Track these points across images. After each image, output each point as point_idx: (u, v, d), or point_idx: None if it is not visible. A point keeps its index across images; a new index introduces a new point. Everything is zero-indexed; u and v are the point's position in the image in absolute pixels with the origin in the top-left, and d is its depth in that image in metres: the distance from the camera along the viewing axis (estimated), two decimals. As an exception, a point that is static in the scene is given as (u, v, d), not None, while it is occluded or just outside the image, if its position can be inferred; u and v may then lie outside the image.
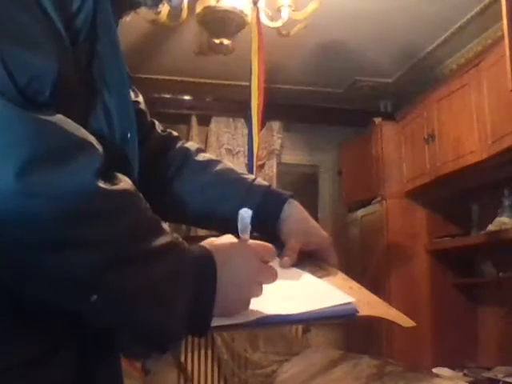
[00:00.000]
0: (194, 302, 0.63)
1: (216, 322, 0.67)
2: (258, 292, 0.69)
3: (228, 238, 0.71)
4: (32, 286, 0.57)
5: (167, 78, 4.26)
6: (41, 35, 0.58)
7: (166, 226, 0.64)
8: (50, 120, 0.55)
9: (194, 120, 4.46)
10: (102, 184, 0.56)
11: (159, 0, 0.83)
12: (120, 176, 0.60)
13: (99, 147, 0.59)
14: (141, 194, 0.63)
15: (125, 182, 0.60)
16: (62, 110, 0.57)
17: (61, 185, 0.53)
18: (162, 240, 0.61)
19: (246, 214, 0.72)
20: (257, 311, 0.70)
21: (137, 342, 0.64)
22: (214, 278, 0.65)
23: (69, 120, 0.57)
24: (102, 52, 0.69)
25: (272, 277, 0.71)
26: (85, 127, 0.59)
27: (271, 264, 0.74)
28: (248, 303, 0.69)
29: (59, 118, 0.56)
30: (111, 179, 0.59)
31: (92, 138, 0.59)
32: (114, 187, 0.58)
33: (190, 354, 4.21)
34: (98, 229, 0.56)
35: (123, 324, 0.62)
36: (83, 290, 0.57)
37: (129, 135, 0.72)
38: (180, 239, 0.65)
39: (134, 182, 0.63)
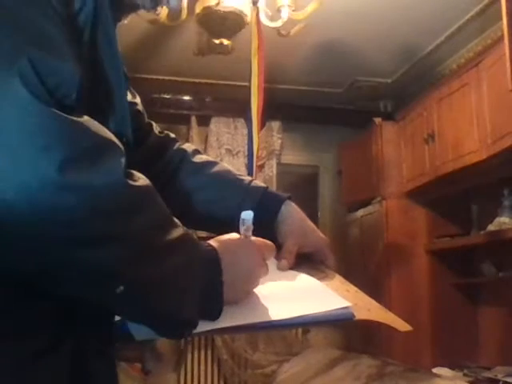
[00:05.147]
0: (205, 290, 0.66)
1: (217, 324, 0.68)
2: (256, 284, 0.74)
3: (234, 235, 0.74)
4: (62, 281, 0.58)
5: (167, 78, 4.26)
6: (62, 41, 0.60)
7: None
8: (80, 121, 0.57)
9: (193, 120, 4.46)
10: (129, 181, 0.59)
11: (158, 2, 0.83)
12: (136, 173, 0.62)
13: (122, 146, 0.61)
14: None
15: (144, 178, 0.63)
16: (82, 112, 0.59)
17: (95, 182, 0.55)
18: (178, 232, 0.64)
19: (248, 216, 0.74)
20: (255, 315, 0.71)
21: (153, 329, 0.66)
22: (219, 269, 0.68)
23: (95, 121, 0.59)
24: (101, 55, 0.70)
25: (266, 273, 0.75)
26: None
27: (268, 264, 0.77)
28: (248, 293, 0.73)
29: (87, 120, 0.58)
30: (131, 176, 0.61)
31: (115, 138, 0.61)
32: (138, 183, 0.61)
33: (190, 354, 4.21)
34: (127, 223, 0.59)
35: (142, 312, 0.64)
36: (112, 282, 0.58)
37: (124, 139, 0.72)
38: (190, 231, 0.67)
39: None
